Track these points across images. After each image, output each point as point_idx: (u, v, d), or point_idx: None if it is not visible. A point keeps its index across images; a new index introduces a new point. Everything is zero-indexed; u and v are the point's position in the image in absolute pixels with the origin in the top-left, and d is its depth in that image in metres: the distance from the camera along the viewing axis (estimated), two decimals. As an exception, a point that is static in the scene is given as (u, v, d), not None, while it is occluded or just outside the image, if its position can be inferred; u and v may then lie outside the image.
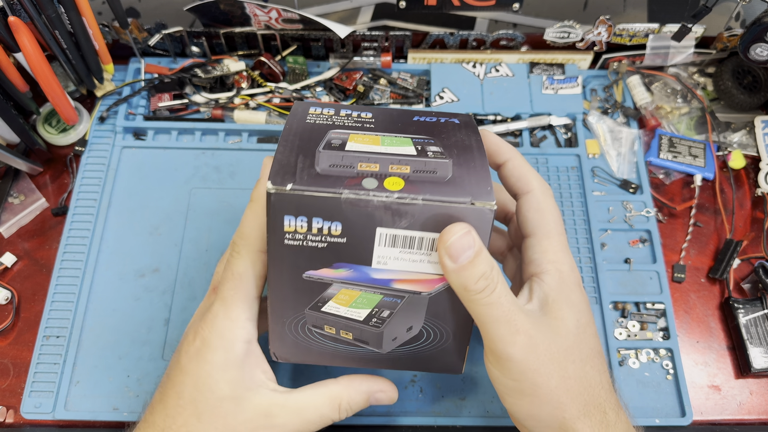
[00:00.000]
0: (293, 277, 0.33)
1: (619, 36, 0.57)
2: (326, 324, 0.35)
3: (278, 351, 0.36)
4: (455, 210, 0.31)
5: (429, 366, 0.37)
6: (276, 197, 0.30)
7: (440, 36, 0.59)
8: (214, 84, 0.58)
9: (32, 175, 0.55)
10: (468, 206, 0.30)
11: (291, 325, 0.35)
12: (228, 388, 0.34)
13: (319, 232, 0.31)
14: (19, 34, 0.47)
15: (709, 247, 0.53)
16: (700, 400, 0.46)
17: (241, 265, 0.34)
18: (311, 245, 0.32)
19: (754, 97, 0.57)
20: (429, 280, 0.33)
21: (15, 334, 0.48)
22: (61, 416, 0.44)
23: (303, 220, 0.31)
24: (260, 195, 0.34)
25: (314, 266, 0.32)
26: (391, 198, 0.30)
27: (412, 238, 0.32)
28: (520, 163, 0.37)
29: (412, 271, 0.32)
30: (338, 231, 0.31)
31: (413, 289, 0.33)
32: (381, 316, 0.34)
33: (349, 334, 0.35)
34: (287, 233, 0.31)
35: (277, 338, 0.36)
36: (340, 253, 0.32)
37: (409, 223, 0.31)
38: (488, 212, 0.31)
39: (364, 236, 0.31)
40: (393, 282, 0.33)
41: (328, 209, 0.31)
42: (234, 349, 0.34)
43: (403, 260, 0.32)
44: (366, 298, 0.34)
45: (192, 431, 0.33)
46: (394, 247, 0.32)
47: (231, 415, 0.34)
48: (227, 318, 0.34)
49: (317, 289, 0.33)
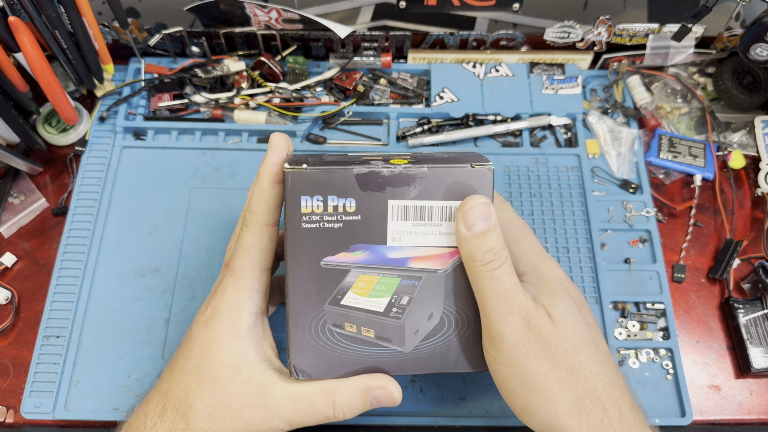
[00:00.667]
0: (311, 267, 0.34)
1: (619, 36, 0.57)
2: (347, 321, 0.35)
3: (299, 362, 0.35)
4: (458, 172, 0.34)
5: (455, 363, 0.37)
6: (293, 176, 0.33)
7: (440, 36, 0.59)
8: (214, 84, 0.58)
9: (32, 175, 0.55)
10: (469, 168, 0.34)
11: (311, 328, 0.35)
12: (231, 357, 0.35)
13: (334, 211, 0.33)
14: (19, 34, 0.47)
15: (709, 247, 0.53)
16: (700, 400, 0.47)
17: (249, 238, 0.36)
18: (327, 226, 0.34)
19: (754, 97, 0.57)
20: (443, 254, 0.34)
21: (15, 334, 0.48)
22: (61, 416, 0.44)
23: (319, 199, 0.33)
24: (267, 170, 0.36)
25: (332, 250, 0.34)
26: (398, 168, 0.33)
27: (422, 208, 0.34)
28: None
29: (426, 245, 0.34)
30: (353, 208, 0.33)
31: (429, 267, 0.34)
32: (400, 304, 0.35)
33: (371, 332, 0.35)
34: (304, 215, 0.33)
35: (297, 346, 0.35)
36: (356, 232, 0.34)
37: (418, 192, 0.34)
38: (487, 172, 0.34)
39: (377, 211, 0.34)
40: (409, 261, 0.34)
41: (341, 185, 0.33)
42: (241, 318, 0.35)
43: (416, 234, 0.34)
44: (384, 284, 0.35)
45: (190, 395, 0.34)
46: (406, 220, 0.34)
47: (228, 384, 0.34)
48: (236, 288, 0.35)
49: (336, 278, 0.34)
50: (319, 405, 0.34)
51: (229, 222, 0.52)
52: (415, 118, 0.57)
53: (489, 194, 0.34)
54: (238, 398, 0.34)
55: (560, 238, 0.52)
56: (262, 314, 0.37)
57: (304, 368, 0.35)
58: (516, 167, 0.55)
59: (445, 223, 0.34)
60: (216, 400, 0.34)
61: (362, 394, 0.35)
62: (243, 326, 0.35)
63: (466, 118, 0.57)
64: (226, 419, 0.34)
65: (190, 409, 0.34)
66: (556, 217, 0.53)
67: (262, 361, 0.35)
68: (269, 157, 0.36)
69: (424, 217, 0.34)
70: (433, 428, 0.45)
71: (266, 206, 0.36)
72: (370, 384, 0.35)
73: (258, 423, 0.34)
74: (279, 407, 0.34)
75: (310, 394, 0.34)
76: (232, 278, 0.36)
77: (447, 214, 0.34)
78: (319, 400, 0.34)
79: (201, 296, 0.49)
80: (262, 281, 0.36)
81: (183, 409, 0.34)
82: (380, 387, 0.35)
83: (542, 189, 0.54)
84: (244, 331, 0.35)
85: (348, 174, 0.33)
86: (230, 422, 0.34)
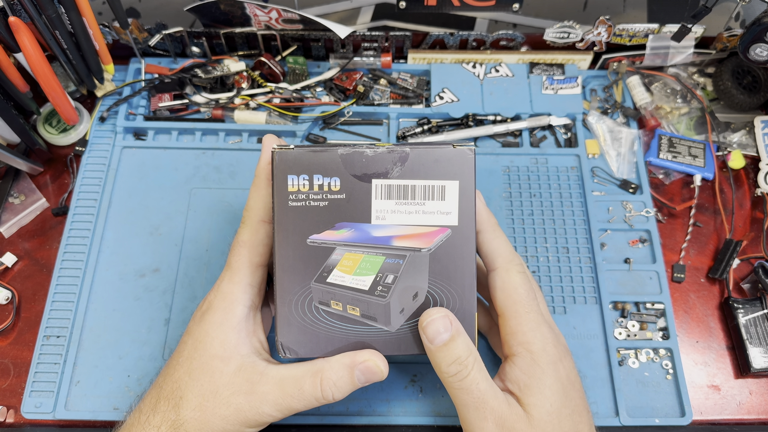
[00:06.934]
0: (298, 244, 0.35)
1: (618, 36, 0.57)
2: (332, 299, 0.36)
3: (285, 339, 0.36)
4: (440, 152, 0.35)
5: None
6: (280, 155, 0.34)
7: (440, 36, 0.59)
8: (214, 84, 0.58)
9: (33, 175, 0.55)
10: (450, 148, 0.35)
11: (298, 305, 0.36)
12: (221, 348, 0.35)
13: (320, 190, 0.35)
14: (20, 34, 0.47)
15: (708, 247, 0.53)
16: (699, 399, 0.47)
17: (245, 234, 0.37)
18: (313, 204, 0.35)
19: (753, 97, 0.57)
20: (427, 233, 0.35)
21: (15, 334, 0.48)
22: (61, 416, 0.44)
23: (305, 178, 0.35)
24: (261, 169, 0.37)
25: (317, 228, 0.35)
26: (382, 149, 0.34)
27: (405, 186, 0.35)
28: (489, 237, 0.38)
29: (409, 224, 0.35)
30: (337, 186, 0.35)
31: (413, 245, 0.35)
32: (386, 282, 0.35)
33: (357, 310, 0.36)
34: (291, 194, 0.35)
35: (284, 323, 0.36)
36: (341, 211, 0.35)
37: (401, 171, 0.35)
38: (468, 152, 0.35)
39: (362, 189, 0.35)
40: (393, 239, 0.35)
41: (327, 165, 0.34)
42: (234, 311, 0.36)
43: (399, 213, 0.35)
44: (369, 262, 0.35)
45: (182, 386, 0.35)
46: (389, 198, 0.35)
47: (218, 374, 0.35)
48: (231, 282, 0.37)
49: (322, 255, 0.35)
50: (306, 386, 0.35)
51: (229, 222, 0.52)
52: (415, 118, 0.58)
53: (471, 175, 0.35)
54: (227, 387, 0.35)
55: (560, 238, 0.52)
56: (255, 308, 0.38)
57: (291, 345, 0.36)
58: (516, 167, 0.55)
59: (428, 202, 0.35)
60: (206, 390, 0.35)
61: (348, 370, 0.35)
62: (235, 319, 0.36)
63: (466, 118, 0.57)
64: (215, 407, 0.34)
65: (181, 400, 0.35)
66: (555, 217, 0.53)
67: (251, 353, 0.36)
68: (263, 157, 0.37)
69: (407, 196, 0.35)
70: (433, 428, 0.45)
71: (262, 203, 0.37)
72: (355, 359, 0.35)
73: (246, 409, 0.34)
74: (268, 393, 0.34)
75: (297, 376, 0.35)
76: (228, 272, 0.37)
77: (430, 193, 0.35)
78: (306, 381, 0.35)
79: (201, 296, 0.49)
80: (257, 276, 0.37)
81: (175, 399, 0.35)
82: (365, 360, 0.35)
83: (542, 189, 0.54)
84: (236, 323, 0.36)
85: (333, 154, 0.34)
86: (219, 410, 0.34)
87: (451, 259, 0.35)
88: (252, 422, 0.35)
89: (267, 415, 0.35)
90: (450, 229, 0.35)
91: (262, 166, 0.37)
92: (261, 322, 0.39)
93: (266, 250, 0.37)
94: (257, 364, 0.35)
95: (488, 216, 0.38)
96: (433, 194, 0.35)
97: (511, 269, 0.37)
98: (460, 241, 0.35)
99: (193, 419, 0.34)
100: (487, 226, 0.38)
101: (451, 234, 0.35)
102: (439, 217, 0.35)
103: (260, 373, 0.35)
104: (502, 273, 0.37)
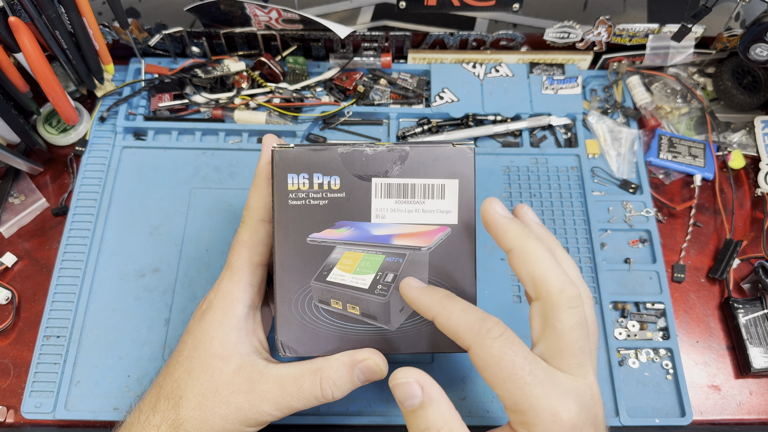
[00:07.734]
0: (298, 243, 0.35)
1: (618, 36, 0.57)
2: (332, 297, 0.36)
3: (285, 338, 0.36)
4: (440, 152, 0.35)
5: (440, 343, 0.36)
6: (280, 154, 0.34)
7: (440, 36, 0.59)
8: (214, 84, 0.58)
9: (32, 175, 0.55)
10: (450, 147, 0.35)
11: (297, 304, 0.36)
12: (220, 347, 0.35)
13: (320, 188, 0.35)
14: (20, 34, 0.47)
15: (708, 247, 0.53)
16: (699, 399, 0.47)
17: (245, 233, 0.37)
18: (313, 203, 0.35)
19: (753, 97, 0.57)
20: (427, 232, 0.35)
21: (15, 334, 0.48)
22: (61, 416, 0.44)
23: (305, 177, 0.35)
24: (261, 169, 0.37)
25: (317, 227, 0.35)
26: (381, 147, 0.34)
27: (405, 185, 0.35)
28: (529, 258, 0.31)
29: (409, 223, 0.35)
30: (337, 185, 0.35)
31: (413, 244, 0.35)
32: (385, 281, 0.35)
33: (356, 308, 0.36)
34: (291, 192, 0.35)
35: (284, 322, 0.36)
36: (341, 209, 0.35)
37: (401, 170, 0.35)
38: (468, 150, 0.35)
39: (361, 188, 0.35)
40: (393, 238, 0.35)
41: (326, 163, 0.34)
42: (233, 310, 0.36)
43: (399, 211, 0.35)
44: (369, 260, 0.35)
45: (182, 386, 0.35)
46: (389, 197, 0.35)
47: (217, 374, 0.35)
48: (231, 281, 0.37)
49: (322, 254, 0.35)
50: (306, 385, 0.34)
51: (229, 222, 0.52)
52: (415, 118, 0.58)
53: (470, 173, 0.35)
54: (226, 386, 0.35)
55: (560, 238, 0.52)
56: (254, 308, 0.38)
57: (291, 344, 0.36)
58: (516, 167, 0.55)
59: (428, 201, 0.35)
60: (205, 389, 0.35)
61: (348, 369, 0.35)
62: (234, 318, 0.36)
63: (466, 118, 0.57)
64: (215, 406, 0.34)
65: (181, 399, 0.35)
66: (556, 217, 0.53)
67: (251, 352, 0.36)
68: (263, 156, 0.37)
69: (407, 195, 0.35)
70: (433, 428, 0.45)
71: (262, 202, 0.37)
72: (355, 358, 0.35)
73: (246, 408, 0.34)
74: (268, 392, 0.34)
75: (297, 375, 0.35)
76: (228, 272, 0.37)
77: (430, 192, 0.35)
78: (305, 380, 0.34)
79: (201, 296, 0.48)
80: (257, 275, 0.37)
81: (174, 399, 0.35)
82: (365, 358, 0.35)
83: (542, 189, 0.54)
84: (235, 322, 0.36)
85: (333, 152, 0.34)
86: (219, 409, 0.34)
87: (451, 258, 0.35)
88: (252, 421, 0.35)
89: (267, 414, 0.35)
90: (450, 228, 0.35)
91: (262, 166, 0.37)
92: (261, 321, 0.39)
93: (266, 249, 0.37)
94: (257, 363, 0.35)
95: (520, 233, 0.31)
96: (433, 193, 0.35)
97: (560, 304, 0.29)
98: (460, 240, 0.35)
99: (193, 418, 0.34)
100: (523, 241, 0.31)
101: (450, 232, 0.35)
102: (438, 215, 0.35)
103: (260, 372, 0.35)
104: (547, 306, 0.30)
